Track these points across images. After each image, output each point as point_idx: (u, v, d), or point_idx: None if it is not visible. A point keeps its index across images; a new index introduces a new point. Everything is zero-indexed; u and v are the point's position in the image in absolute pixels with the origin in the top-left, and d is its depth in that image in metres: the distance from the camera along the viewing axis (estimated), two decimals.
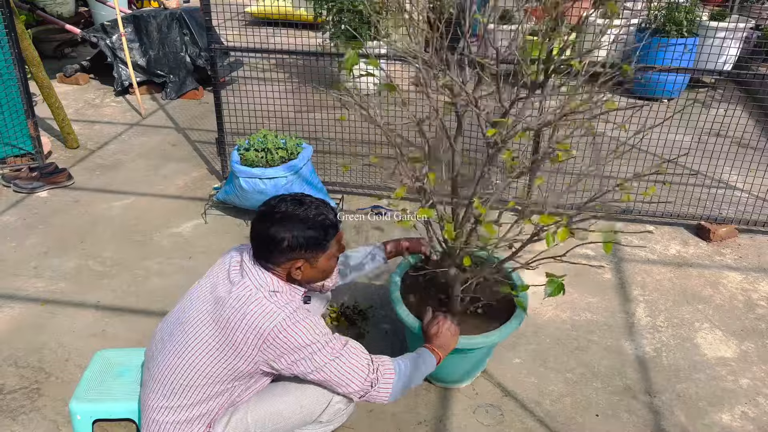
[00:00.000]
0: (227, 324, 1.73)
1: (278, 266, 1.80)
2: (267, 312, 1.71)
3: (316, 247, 1.80)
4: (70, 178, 4.02)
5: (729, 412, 2.39)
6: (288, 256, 1.77)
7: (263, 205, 1.85)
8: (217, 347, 1.74)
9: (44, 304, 2.91)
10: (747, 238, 3.57)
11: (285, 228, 1.75)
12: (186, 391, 1.77)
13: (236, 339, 1.71)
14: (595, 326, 2.84)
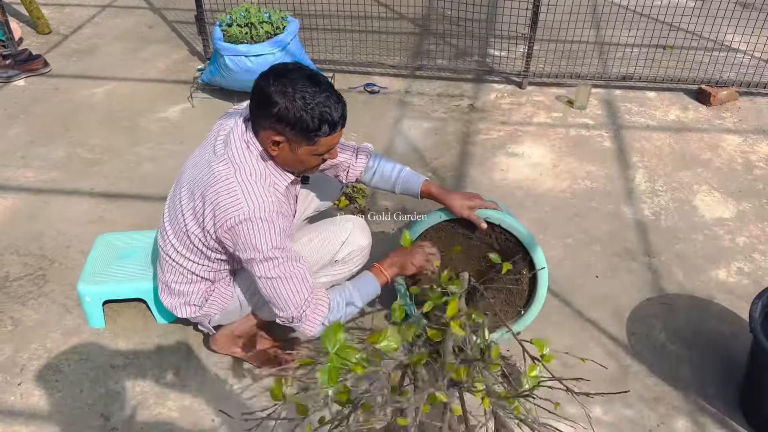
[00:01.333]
0: (199, 195, 1.71)
1: (261, 129, 1.68)
2: (234, 200, 1.65)
3: (303, 133, 1.64)
4: (46, 65, 3.83)
5: (725, 268, 2.45)
6: (272, 123, 1.64)
7: (280, 65, 1.70)
8: (191, 214, 1.75)
9: (37, 194, 2.86)
10: (747, 101, 3.52)
11: (285, 96, 1.61)
12: (190, 252, 1.82)
13: (203, 212, 1.70)
14: (594, 193, 2.85)
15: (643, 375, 2.05)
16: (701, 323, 2.23)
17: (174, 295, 1.94)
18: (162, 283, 1.96)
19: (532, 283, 2.02)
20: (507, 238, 1.97)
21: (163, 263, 1.92)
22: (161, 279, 1.96)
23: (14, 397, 1.98)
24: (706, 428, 1.90)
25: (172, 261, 1.87)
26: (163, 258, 1.91)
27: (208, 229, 1.72)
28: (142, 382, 2.02)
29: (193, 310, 1.94)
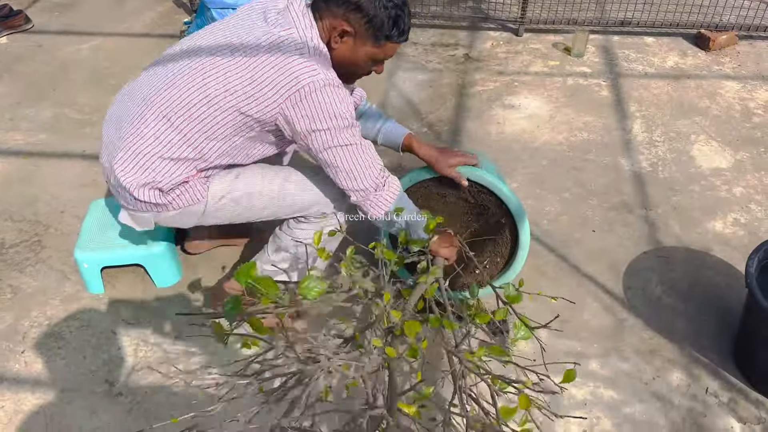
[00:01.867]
0: (257, 61, 1.54)
1: (330, 16, 1.58)
2: (308, 65, 1.52)
3: (375, 31, 1.57)
4: (28, 21, 3.72)
5: (722, 219, 2.45)
6: (348, 11, 1.55)
7: None
8: (235, 84, 1.56)
9: (27, 158, 2.81)
10: (747, 45, 3.45)
11: None
12: (187, 123, 1.63)
13: (263, 78, 1.53)
14: (591, 145, 2.82)
15: (639, 328, 2.08)
16: (697, 276, 2.25)
17: (141, 170, 1.67)
18: (130, 151, 1.66)
19: (514, 231, 2.00)
20: (479, 190, 1.95)
21: (140, 130, 1.66)
22: (131, 147, 1.66)
23: (18, 365, 2.00)
24: (700, 380, 1.94)
25: (157, 135, 1.66)
26: (140, 126, 1.66)
27: (268, 95, 1.55)
28: (144, 347, 2.04)
29: (154, 195, 1.69)
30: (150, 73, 1.72)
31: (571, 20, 3.54)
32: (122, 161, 1.67)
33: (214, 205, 1.76)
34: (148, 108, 1.65)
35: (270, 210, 1.82)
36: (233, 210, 1.80)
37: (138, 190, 1.67)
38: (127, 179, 1.67)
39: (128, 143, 1.67)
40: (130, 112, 1.69)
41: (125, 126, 1.68)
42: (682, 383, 1.93)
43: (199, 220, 1.80)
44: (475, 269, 2.08)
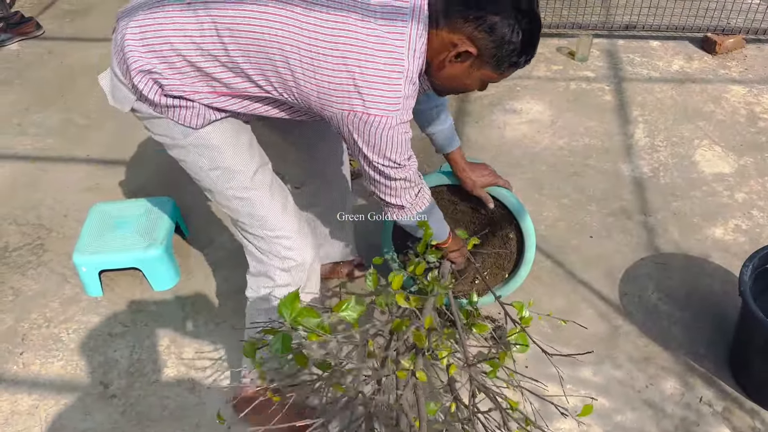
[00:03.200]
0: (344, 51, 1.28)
1: (449, 29, 1.32)
2: (391, 97, 1.30)
3: (501, 55, 1.33)
4: (39, 28, 3.79)
5: (723, 226, 2.42)
6: (475, 31, 1.30)
7: None
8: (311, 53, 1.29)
9: (34, 162, 2.87)
10: (754, 49, 3.41)
11: (509, 8, 1.28)
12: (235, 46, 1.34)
13: (338, 78, 1.29)
14: (592, 150, 2.80)
15: (634, 335, 2.06)
16: (695, 282, 2.22)
17: (154, 54, 1.37)
18: (154, 26, 1.37)
19: (520, 246, 2.02)
20: (495, 205, 1.96)
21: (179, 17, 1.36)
22: (156, 23, 1.37)
23: (16, 366, 2.04)
24: (694, 388, 1.91)
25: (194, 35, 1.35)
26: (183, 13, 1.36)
27: (330, 98, 1.32)
28: (140, 350, 2.07)
29: (150, 88, 1.41)
30: None
31: (575, 24, 3.53)
32: (138, 28, 1.37)
33: (194, 148, 1.51)
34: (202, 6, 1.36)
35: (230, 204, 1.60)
36: (204, 172, 1.55)
37: (138, 74, 1.38)
38: (133, 53, 1.38)
39: (156, 17, 1.37)
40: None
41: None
42: (676, 392, 1.91)
43: (167, 146, 1.55)
44: (476, 279, 2.08)
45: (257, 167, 1.58)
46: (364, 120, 1.33)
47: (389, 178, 1.47)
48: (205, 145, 1.50)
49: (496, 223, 1.99)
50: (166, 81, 1.39)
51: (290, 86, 1.35)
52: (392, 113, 1.32)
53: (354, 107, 1.31)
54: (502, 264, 2.06)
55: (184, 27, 1.35)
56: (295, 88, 1.35)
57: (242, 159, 1.55)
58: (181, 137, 1.50)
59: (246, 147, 1.56)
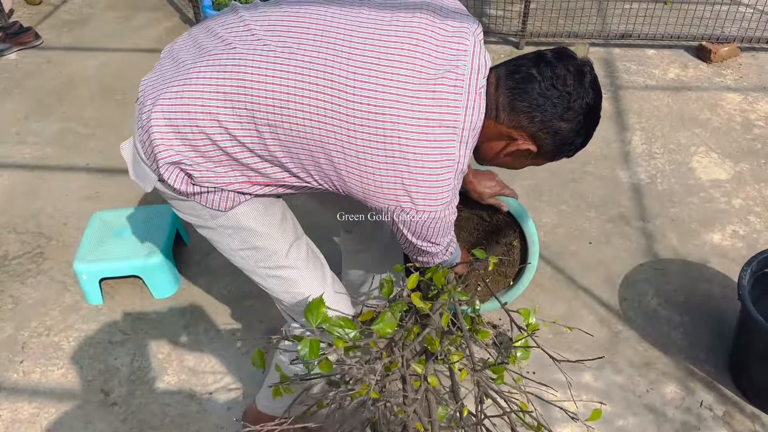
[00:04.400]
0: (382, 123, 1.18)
1: (510, 124, 1.28)
2: (437, 192, 1.23)
3: (559, 152, 1.32)
4: (38, 38, 3.79)
5: (720, 231, 2.44)
6: (539, 131, 1.26)
7: (558, 50, 1.28)
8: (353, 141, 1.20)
9: (33, 170, 2.87)
10: (749, 57, 3.44)
11: (569, 110, 1.25)
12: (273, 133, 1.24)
13: (369, 162, 1.20)
14: (590, 157, 2.82)
15: (634, 341, 2.07)
16: (694, 287, 2.23)
17: (184, 143, 1.27)
18: (184, 105, 1.24)
19: (523, 253, 2.02)
20: (497, 210, 1.96)
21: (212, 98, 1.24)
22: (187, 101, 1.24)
23: (17, 374, 2.03)
24: (695, 393, 1.92)
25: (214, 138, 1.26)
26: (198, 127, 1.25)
27: (375, 193, 1.24)
28: (140, 358, 2.07)
29: (178, 178, 1.31)
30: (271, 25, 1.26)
31: (572, 33, 3.56)
32: (167, 112, 1.25)
33: (223, 229, 1.45)
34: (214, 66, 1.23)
35: (265, 283, 1.54)
36: (235, 252, 1.49)
37: (165, 166, 1.28)
38: (162, 142, 1.26)
39: (187, 100, 1.24)
40: (215, 54, 1.25)
41: (198, 66, 1.26)
42: (677, 396, 1.92)
43: (195, 226, 1.48)
44: (478, 286, 2.09)
45: (291, 243, 1.48)
46: (411, 215, 1.27)
47: (428, 253, 1.43)
48: (234, 227, 1.42)
49: (499, 230, 1.99)
50: (197, 173, 1.30)
51: (333, 180, 1.28)
52: (440, 207, 1.26)
53: (401, 203, 1.24)
54: (505, 271, 2.07)
55: (218, 115, 1.23)
56: (338, 182, 1.27)
57: (275, 237, 1.45)
58: (209, 218, 1.42)
59: (278, 224, 1.47)
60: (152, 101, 1.27)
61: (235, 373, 2.01)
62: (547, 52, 1.29)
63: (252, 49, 1.23)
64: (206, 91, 1.23)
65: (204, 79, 1.24)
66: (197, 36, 1.34)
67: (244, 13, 1.31)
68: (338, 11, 1.26)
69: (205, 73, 1.24)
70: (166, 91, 1.26)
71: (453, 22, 1.27)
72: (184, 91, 1.24)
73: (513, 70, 1.27)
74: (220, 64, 1.24)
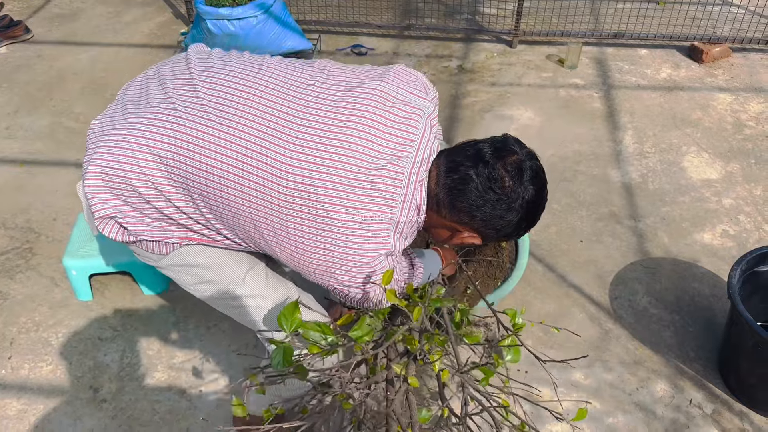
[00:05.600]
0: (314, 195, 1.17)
1: (455, 220, 1.28)
2: (372, 269, 1.23)
3: (502, 238, 1.34)
4: (28, 32, 3.76)
5: (710, 231, 2.45)
6: (482, 227, 1.28)
7: (498, 145, 1.27)
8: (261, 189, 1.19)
9: (23, 165, 2.84)
10: (740, 57, 3.46)
11: (510, 210, 1.24)
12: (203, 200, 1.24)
13: (300, 246, 1.21)
14: (582, 156, 2.83)
15: (625, 339, 2.08)
16: (684, 286, 2.24)
17: (116, 197, 1.28)
18: (115, 165, 1.24)
19: (512, 256, 2.02)
20: None
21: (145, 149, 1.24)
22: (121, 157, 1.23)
23: (5, 370, 2.01)
24: (684, 391, 1.93)
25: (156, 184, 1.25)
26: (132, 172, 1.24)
27: (292, 265, 1.26)
28: (130, 354, 2.05)
29: (115, 231, 1.33)
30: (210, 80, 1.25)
31: (565, 32, 3.56)
32: (103, 167, 1.25)
33: (174, 267, 1.43)
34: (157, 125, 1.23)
35: (229, 312, 1.53)
36: (192, 287, 1.48)
37: (99, 220, 1.31)
38: (96, 197, 1.27)
39: (122, 157, 1.23)
40: (157, 112, 1.24)
41: (138, 120, 1.25)
42: (666, 394, 1.92)
43: (152, 265, 1.48)
44: (467, 288, 2.08)
45: (246, 271, 1.44)
46: (345, 293, 1.29)
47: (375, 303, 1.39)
48: (183, 264, 1.40)
49: None
50: (131, 225, 1.28)
51: (265, 249, 1.28)
52: (369, 286, 1.26)
53: (332, 283, 1.26)
54: (494, 273, 2.07)
55: (152, 177, 1.22)
56: (270, 251, 1.28)
57: (227, 268, 1.42)
58: (157, 260, 1.41)
59: (227, 254, 1.43)
60: (92, 151, 1.26)
61: (225, 370, 2.00)
62: (486, 148, 1.25)
63: (190, 114, 1.21)
64: (141, 151, 1.22)
65: (140, 136, 1.22)
66: (149, 83, 1.32)
67: (195, 67, 1.29)
68: (289, 82, 1.23)
69: (143, 130, 1.23)
70: (104, 144, 1.25)
71: (406, 108, 1.24)
72: (121, 147, 1.23)
73: (452, 168, 1.25)
74: (157, 123, 1.22)
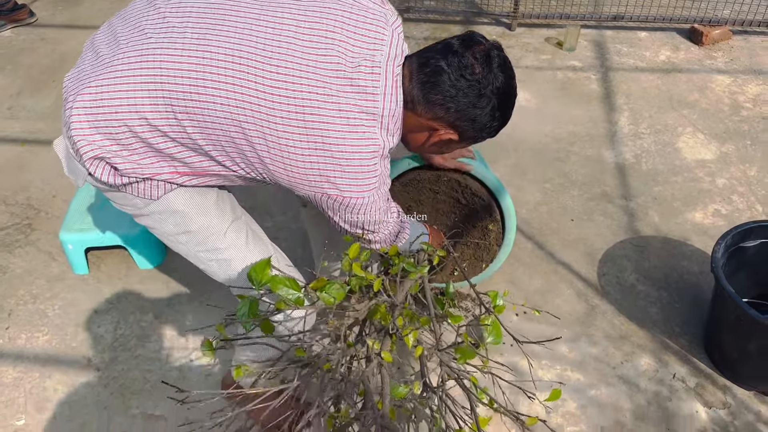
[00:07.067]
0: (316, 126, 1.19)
1: (429, 117, 1.31)
2: (363, 179, 1.25)
3: (480, 134, 1.35)
4: (32, 15, 3.81)
5: (702, 210, 2.45)
6: (457, 120, 1.30)
7: (465, 37, 1.30)
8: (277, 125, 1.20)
9: (24, 145, 2.89)
10: (740, 40, 3.44)
11: (481, 97, 1.27)
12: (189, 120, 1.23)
13: (291, 149, 1.21)
14: (576, 137, 2.83)
15: (611, 314, 2.09)
16: (673, 264, 2.25)
17: (103, 136, 1.26)
18: (101, 101, 1.24)
19: (498, 237, 2.03)
20: (473, 193, 1.96)
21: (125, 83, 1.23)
22: (103, 95, 1.23)
23: (2, 340, 2.06)
24: (669, 365, 1.95)
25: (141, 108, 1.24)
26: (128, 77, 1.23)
27: (301, 181, 1.26)
28: (124, 326, 2.10)
29: (105, 172, 1.31)
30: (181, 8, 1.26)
31: (564, 15, 3.56)
32: (86, 108, 1.24)
33: (158, 215, 1.43)
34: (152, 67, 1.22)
35: (207, 268, 1.53)
36: (173, 237, 1.48)
37: (89, 161, 1.29)
38: (82, 139, 1.26)
39: (105, 94, 1.23)
40: (131, 46, 1.24)
41: (115, 59, 1.24)
42: (650, 368, 1.94)
43: (133, 216, 1.47)
44: (455, 270, 2.10)
45: (229, 224, 1.47)
46: (338, 201, 1.28)
47: (367, 240, 1.44)
48: (168, 211, 1.41)
49: (475, 213, 2.00)
50: (121, 164, 1.28)
51: (257, 167, 1.28)
52: (367, 193, 1.27)
53: (327, 191, 1.26)
54: (481, 255, 2.08)
55: (136, 105, 1.23)
56: (262, 170, 1.28)
57: (211, 219, 1.44)
58: (142, 206, 1.41)
59: (213, 205, 1.45)
60: (73, 98, 1.26)
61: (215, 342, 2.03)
62: (454, 41, 1.29)
63: (165, 37, 1.22)
64: (123, 83, 1.23)
65: (121, 72, 1.23)
66: (115, 27, 1.32)
67: (159, 1, 1.29)
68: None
69: (122, 65, 1.23)
70: (84, 88, 1.25)
71: (370, 12, 1.27)
72: (102, 86, 1.24)
73: (423, 63, 1.28)
74: (135, 56, 1.23)
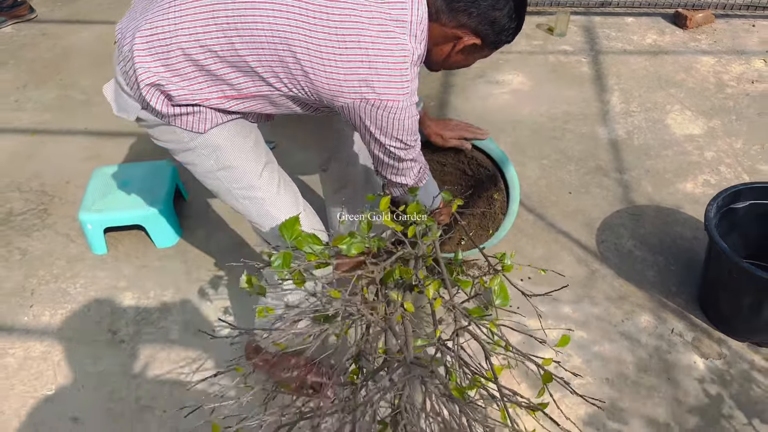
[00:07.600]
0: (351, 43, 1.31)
1: (453, 25, 1.41)
2: (400, 81, 1.35)
3: (501, 38, 1.44)
4: (32, 11, 3.86)
5: (692, 181, 2.58)
6: (479, 24, 1.40)
7: None
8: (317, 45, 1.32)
9: (34, 134, 2.96)
10: (723, 23, 3.58)
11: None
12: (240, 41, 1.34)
13: (331, 55, 1.32)
14: (570, 116, 2.95)
15: (611, 277, 2.21)
16: (667, 230, 2.37)
17: (161, 64, 1.38)
18: (159, 33, 1.36)
19: (503, 206, 2.13)
20: (479, 164, 2.07)
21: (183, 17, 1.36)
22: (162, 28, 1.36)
23: (27, 317, 2.13)
24: (667, 321, 2.06)
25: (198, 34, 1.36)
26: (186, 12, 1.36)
27: (339, 89, 1.35)
28: (145, 301, 2.18)
29: (159, 100, 1.42)
30: None
31: (554, 2, 3.68)
32: (147, 38, 1.36)
33: (201, 149, 1.53)
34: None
35: (239, 205, 1.64)
36: (212, 173, 1.58)
37: (146, 88, 1.39)
38: (142, 65, 1.38)
39: (163, 25, 1.36)
40: None
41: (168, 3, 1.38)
42: (650, 325, 2.06)
43: (173, 152, 1.58)
44: (462, 240, 2.20)
45: (263, 166, 1.59)
46: (376, 106, 1.36)
47: (398, 159, 1.52)
48: (212, 146, 1.52)
49: (480, 184, 2.11)
50: (175, 92, 1.40)
51: (300, 81, 1.37)
52: (402, 97, 1.36)
53: (365, 95, 1.35)
54: (487, 225, 2.18)
55: (192, 29, 1.35)
56: (305, 83, 1.37)
57: (249, 158, 1.56)
58: (188, 140, 1.52)
59: (252, 146, 1.58)
60: (132, 34, 1.38)
61: (237, 312, 2.12)
62: None
63: None
64: (178, 14, 1.36)
65: (176, 6, 1.37)
66: None
67: None
68: None
69: (177, 3, 1.37)
70: (144, 23, 1.38)
71: None
72: (160, 19, 1.37)
73: None
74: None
